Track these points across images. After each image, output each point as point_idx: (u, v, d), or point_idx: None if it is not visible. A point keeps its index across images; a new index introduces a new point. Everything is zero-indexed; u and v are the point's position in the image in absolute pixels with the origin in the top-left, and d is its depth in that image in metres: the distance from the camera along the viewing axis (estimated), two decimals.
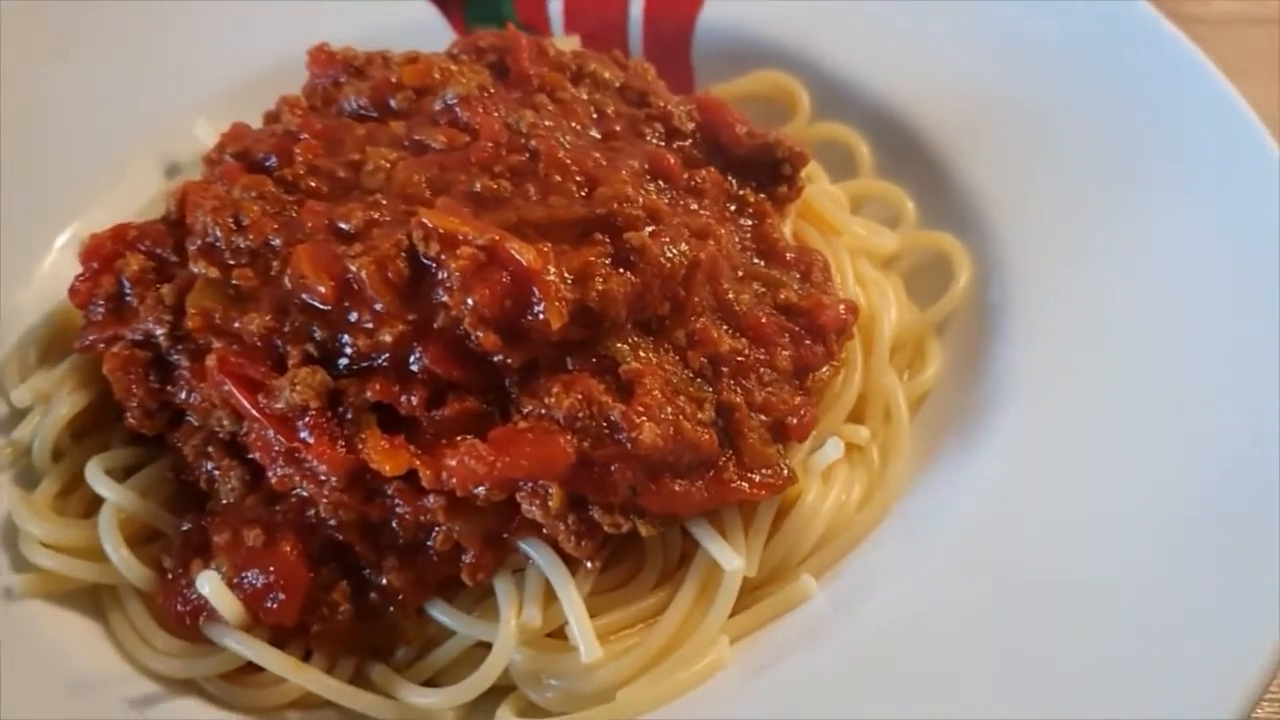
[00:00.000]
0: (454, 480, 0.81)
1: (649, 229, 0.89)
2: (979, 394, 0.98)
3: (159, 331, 0.91)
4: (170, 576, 0.89)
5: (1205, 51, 1.13)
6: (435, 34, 1.29)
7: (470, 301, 0.82)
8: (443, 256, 0.83)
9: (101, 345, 0.94)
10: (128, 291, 0.95)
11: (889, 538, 0.92)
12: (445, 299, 0.83)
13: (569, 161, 0.93)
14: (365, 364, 0.85)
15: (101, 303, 0.95)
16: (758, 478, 0.88)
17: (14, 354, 1.01)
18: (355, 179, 0.95)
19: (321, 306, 0.85)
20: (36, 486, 0.95)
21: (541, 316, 0.82)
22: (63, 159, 1.14)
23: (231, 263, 0.90)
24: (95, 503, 0.94)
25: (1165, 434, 0.89)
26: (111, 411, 0.97)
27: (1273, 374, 0.90)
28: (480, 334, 0.82)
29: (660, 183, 0.98)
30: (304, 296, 0.86)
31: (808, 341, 0.95)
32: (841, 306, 0.97)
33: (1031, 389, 0.95)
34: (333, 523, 0.86)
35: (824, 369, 0.95)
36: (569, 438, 0.82)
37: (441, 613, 0.87)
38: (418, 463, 0.82)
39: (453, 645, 0.88)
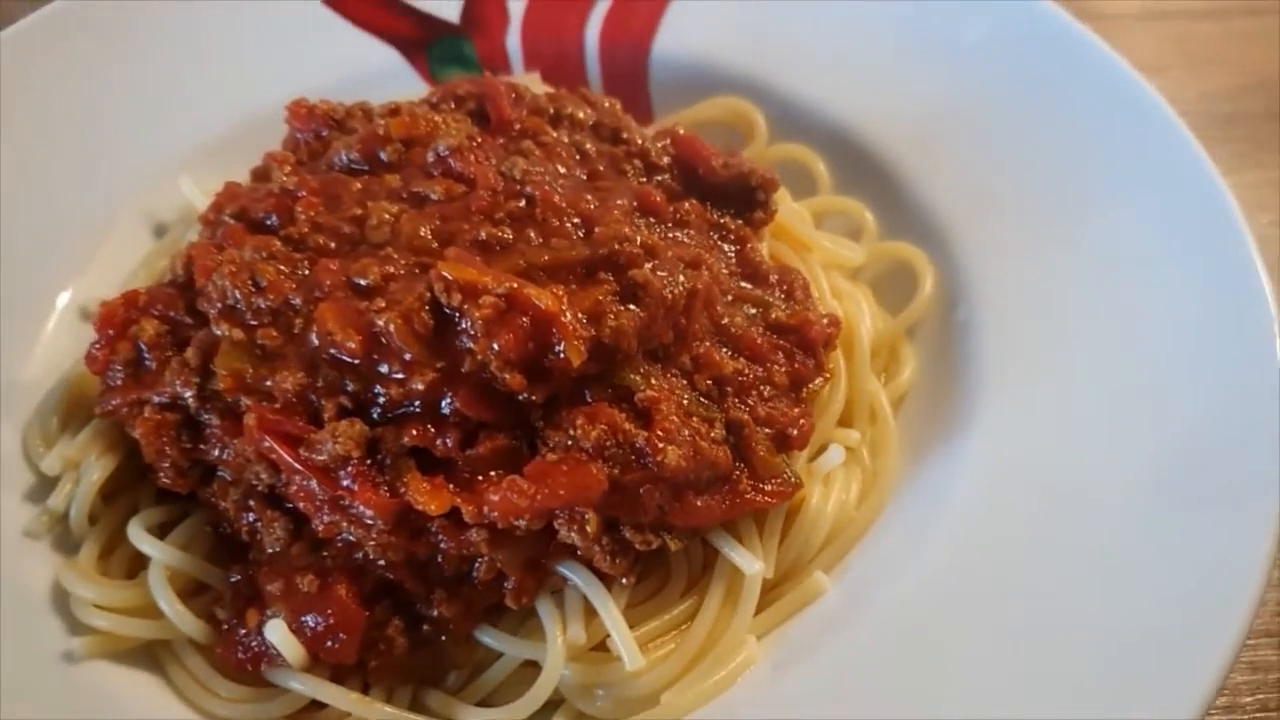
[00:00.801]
0: (496, 514, 0.86)
1: (649, 265, 0.95)
2: (953, 390, 1.07)
3: (188, 394, 0.94)
4: (226, 628, 0.93)
5: (1121, 47, 1.20)
6: (400, 78, 1.34)
7: (496, 346, 0.87)
8: (465, 306, 0.88)
9: (124, 410, 0.97)
10: (146, 356, 0.98)
11: (888, 529, 1.00)
12: (471, 345, 0.88)
13: (564, 205, 0.99)
14: (399, 411, 0.89)
15: (120, 368, 0.98)
16: (769, 487, 0.95)
17: (35, 422, 1.03)
18: (360, 233, 0.99)
19: (350, 360, 0.90)
20: (73, 551, 0.98)
21: (562, 355, 0.88)
22: (47, 222, 1.15)
23: (254, 323, 0.93)
24: (136, 561, 0.98)
25: (1123, 409, 0.98)
26: (137, 471, 1.00)
27: (1210, 352, 0.99)
28: (507, 376, 0.88)
29: (650, 219, 1.05)
30: (332, 352, 0.90)
31: (799, 356, 1.02)
32: (825, 320, 1.05)
33: (1000, 380, 1.04)
34: (381, 563, 0.91)
35: (816, 380, 1.02)
36: (600, 465, 0.88)
37: (490, 637, 0.93)
38: (459, 500, 0.87)
39: (502, 666, 0.93)
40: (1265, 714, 0.99)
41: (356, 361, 0.90)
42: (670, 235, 1.05)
